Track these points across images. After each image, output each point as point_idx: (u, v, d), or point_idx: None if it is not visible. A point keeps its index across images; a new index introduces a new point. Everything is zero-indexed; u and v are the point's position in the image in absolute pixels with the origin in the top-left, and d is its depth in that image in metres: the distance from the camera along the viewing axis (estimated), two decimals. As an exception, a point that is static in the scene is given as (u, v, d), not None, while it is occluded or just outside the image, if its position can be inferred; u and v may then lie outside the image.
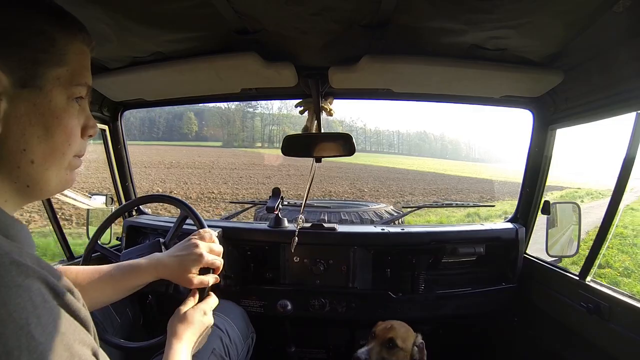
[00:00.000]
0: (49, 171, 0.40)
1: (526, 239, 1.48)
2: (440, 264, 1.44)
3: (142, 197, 1.34)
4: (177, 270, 0.73)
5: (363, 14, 0.83)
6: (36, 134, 0.38)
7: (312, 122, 1.36)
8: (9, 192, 0.39)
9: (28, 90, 0.37)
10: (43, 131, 0.38)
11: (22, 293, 0.31)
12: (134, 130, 54.90)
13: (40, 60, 0.37)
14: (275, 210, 1.42)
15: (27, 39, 0.37)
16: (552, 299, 1.28)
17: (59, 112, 0.39)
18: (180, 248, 0.76)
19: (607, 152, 63.79)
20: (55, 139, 0.40)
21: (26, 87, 0.37)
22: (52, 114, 0.39)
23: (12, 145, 0.37)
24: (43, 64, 0.38)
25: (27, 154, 0.38)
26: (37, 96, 0.38)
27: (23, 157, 0.38)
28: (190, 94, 1.38)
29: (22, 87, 0.36)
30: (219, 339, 1.03)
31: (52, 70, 0.39)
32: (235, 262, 1.43)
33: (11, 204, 0.40)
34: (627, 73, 0.91)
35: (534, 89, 1.19)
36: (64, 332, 0.32)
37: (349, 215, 2.81)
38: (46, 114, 0.38)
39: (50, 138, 0.39)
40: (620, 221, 6.56)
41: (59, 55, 0.39)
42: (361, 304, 1.40)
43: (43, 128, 0.38)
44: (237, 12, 0.83)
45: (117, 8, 0.79)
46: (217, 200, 10.69)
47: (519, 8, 0.76)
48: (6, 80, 0.35)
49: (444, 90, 1.28)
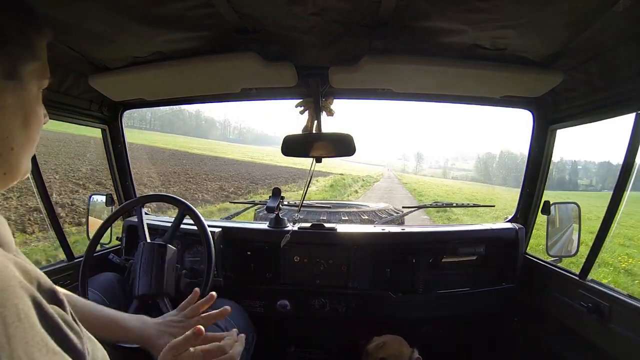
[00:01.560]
0: (23, 158, 0.43)
1: (526, 238, 1.48)
2: (440, 264, 1.44)
3: (142, 196, 1.34)
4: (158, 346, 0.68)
5: (363, 14, 0.83)
6: (17, 123, 0.41)
7: (312, 122, 1.36)
8: None
9: (13, 83, 0.40)
10: (22, 120, 0.41)
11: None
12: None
13: (21, 55, 0.41)
14: (275, 210, 1.42)
15: (9, 36, 0.39)
16: (552, 298, 1.28)
17: (34, 102, 0.43)
18: (172, 324, 0.73)
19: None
20: (32, 128, 0.43)
21: (11, 80, 0.40)
22: (29, 104, 0.42)
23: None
24: (23, 58, 0.41)
25: (9, 142, 0.40)
26: (19, 88, 0.41)
27: (5, 144, 0.40)
28: (190, 94, 1.38)
29: (8, 80, 0.39)
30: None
31: (29, 64, 0.42)
32: (235, 262, 1.43)
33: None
34: (627, 73, 0.91)
35: (534, 89, 1.19)
36: (35, 357, 0.29)
37: (349, 215, 2.81)
38: (25, 105, 0.41)
39: (28, 126, 0.42)
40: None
41: (34, 51, 0.43)
42: (361, 304, 1.40)
43: (22, 117, 0.41)
44: (237, 12, 0.83)
45: (117, 8, 0.79)
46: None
47: (519, 8, 0.76)
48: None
49: (444, 90, 1.28)
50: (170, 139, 36.55)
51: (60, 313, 0.34)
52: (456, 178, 71.75)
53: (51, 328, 0.32)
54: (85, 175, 9.37)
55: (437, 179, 51.73)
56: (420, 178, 48.99)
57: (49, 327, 0.32)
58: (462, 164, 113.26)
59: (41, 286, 0.34)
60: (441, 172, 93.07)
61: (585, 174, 57.71)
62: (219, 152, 30.14)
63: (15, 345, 0.28)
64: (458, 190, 24.04)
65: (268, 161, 27.27)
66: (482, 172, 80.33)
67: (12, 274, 0.31)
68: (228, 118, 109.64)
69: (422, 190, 21.00)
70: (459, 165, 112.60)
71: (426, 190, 21.20)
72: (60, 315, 0.34)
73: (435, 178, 59.40)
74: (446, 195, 19.31)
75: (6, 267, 0.31)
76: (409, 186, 25.24)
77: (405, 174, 63.63)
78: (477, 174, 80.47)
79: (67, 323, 0.35)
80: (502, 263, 1.47)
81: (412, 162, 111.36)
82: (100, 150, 1.61)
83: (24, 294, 0.31)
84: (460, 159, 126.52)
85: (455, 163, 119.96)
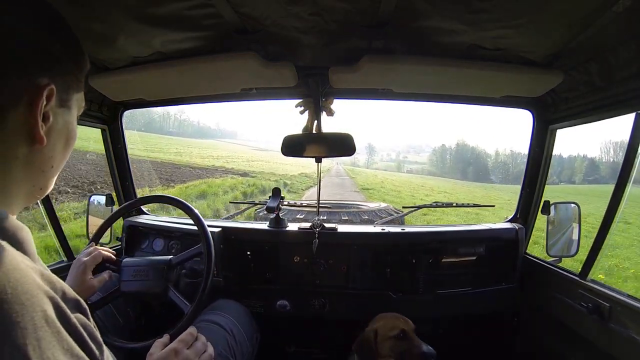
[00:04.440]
0: (55, 175, 0.48)
1: (526, 238, 1.48)
2: (440, 264, 1.44)
3: (143, 197, 1.34)
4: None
5: (363, 14, 0.83)
6: (61, 144, 0.46)
7: (312, 122, 1.36)
8: (22, 194, 0.43)
9: (63, 109, 0.45)
10: (64, 142, 0.46)
11: (25, 312, 0.30)
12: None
13: (73, 85, 0.46)
14: (276, 210, 1.42)
15: (70, 67, 0.45)
16: (552, 298, 1.28)
17: (74, 127, 0.48)
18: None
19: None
20: (70, 148, 0.48)
21: (62, 107, 0.44)
22: (72, 128, 0.47)
23: (47, 153, 0.43)
24: (73, 88, 0.46)
25: (52, 160, 0.45)
26: (67, 114, 0.46)
27: (49, 163, 0.44)
28: (190, 94, 1.38)
29: (60, 107, 0.44)
30: (225, 340, 1.02)
31: (76, 94, 0.47)
32: (235, 262, 1.43)
33: (19, 205, 0.43)
34: (627, 73, 0.91)
35: (534, 89, 1.19)
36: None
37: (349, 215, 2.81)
38: (69, 128, 0.47)
39: (67, 147, 0.47)
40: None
41: (81, 82, 0.48)
42: (361, 304, 1.40)
43: (65, 139, 0.46)
44: (237, 12, 0.83)
45: (117, 8, 0.79)
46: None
47: (519, 8, 0.76)
48: (53, 99, 0.42)
49: (444, 90, 1.28)
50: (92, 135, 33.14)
51: (83, 322, 0.36)
52: (411, 172, 71.02)
53: (75, 335, 0.34)
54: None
55: (392, 174, 49.83)
56: (373, 172, 46.73)
57: (73, 334, 0.34)
58: (415, 157, 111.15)
59: (66, 295, 0.36)
60: (395, 165, 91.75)
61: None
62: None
63: (45, 348, 0.30)
64: (430, 191, 20.15)
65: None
66: (438, 165, 79.43)
67: (39, 282, 0.33)
68: (167, 109, 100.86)
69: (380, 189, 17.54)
70: (411, 158, 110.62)
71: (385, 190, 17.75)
72: (83, 324, 0.36)
73: (390, 172, 58.06)
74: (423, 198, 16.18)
75: (33, 276, 0.33)
76: (360, 180, 21.70)
77: (356, 167, 62.01)
78: (432, 167, 79.44)
79: (89, 332, 0.36)
80: (502, 263, 1.47)
81: (363, 156, 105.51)
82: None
83: (49, 301, 0.33)
84: (412, 151, 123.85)
85: (408, 156, 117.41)
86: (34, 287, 0.32)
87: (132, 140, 15.24)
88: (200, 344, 0.78)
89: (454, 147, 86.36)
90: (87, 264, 0.98)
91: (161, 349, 0.75)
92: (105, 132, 1.52)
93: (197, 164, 19.41)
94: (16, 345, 0.28)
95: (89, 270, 0.98)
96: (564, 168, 62.73)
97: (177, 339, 0.76)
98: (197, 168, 17.37)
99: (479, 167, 78.06)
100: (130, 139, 1.62)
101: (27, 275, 0.33)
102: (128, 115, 1.57)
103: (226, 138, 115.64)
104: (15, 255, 0.34)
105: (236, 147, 58.38)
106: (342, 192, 14.33)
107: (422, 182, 31.99)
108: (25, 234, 0.38)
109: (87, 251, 1.03)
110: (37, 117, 0.40)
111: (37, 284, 0.33)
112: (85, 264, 0.97)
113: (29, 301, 0.31)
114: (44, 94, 0.40)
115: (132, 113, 1.63)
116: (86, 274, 0.97)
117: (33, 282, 0.33)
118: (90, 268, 0.98)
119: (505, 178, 67.01)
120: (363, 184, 20.99)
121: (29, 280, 0.32)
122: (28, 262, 0.35)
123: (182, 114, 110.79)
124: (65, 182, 7.85)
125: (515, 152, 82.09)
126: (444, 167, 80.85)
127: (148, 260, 1.15)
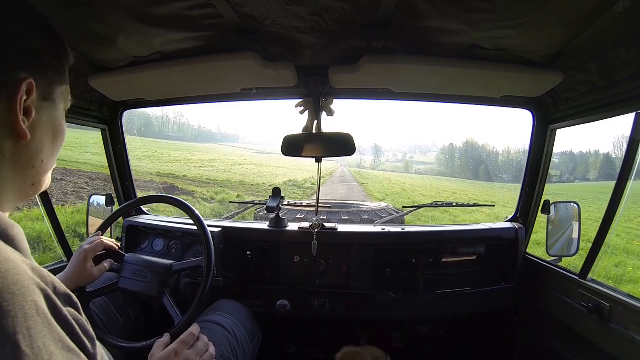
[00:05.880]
0: (49, 171, 0.48)
1: (526, 238, 1.48)
2: (441, 263, 1.44)
3: (143, 197, 1.34)
4: None
5: (363, 14, 0.83)
6: (48, 139, 0.46)
7: (312, 122, 1.36)
8: (14, 191, 0.43)
9: (47, 103, 0.45)
10: (52, 136, 0.46)
11: (15, 301, 0.30)
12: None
13: (56, 79, 0.46)
14: (276, 210, 1.42)
15: (49, 62, 0.45)
16: (552, 298, 1.28)
17: (61, 120, 0.48)
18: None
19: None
20: (58, 142, 0.48)
21: (46, 101, 0.44)
22: (59, 122, 0.47)
23: (34, 148, 0.44)
24: (57, 81, 0.46)
25: (41, 155, 0.45)
26: (52, 108, 0.46)
27: (38, 158, 0.44)
28: (190, 94, 1.38)
29: (43, 100, 0.44)
30: (227, 341, 1.02)
31: (60, 87, 0.47)
32: (235, 262, 1.43)
33: (11, 203, 0.43)
34: (627, 73, 0.91)
35: (534, 89, 1.19)
36: (52, 350, 0.31)
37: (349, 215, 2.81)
38: (55, 122, 0.47)
39: (56, 142, 0.47)
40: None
41: (65, 75, 0.48)
42: (361, 304, 1.40)
43: (52, 133, 0.46)
44: (237, 12, 0.83)
45: (117, 8, 0.79)
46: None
47: (519, 8, 0.76)
48: (35, 94, 0.42)
49: (444, 90, 1.28)
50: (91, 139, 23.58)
51: (75, 316, 0.37)
52: (420, 172, 69.94)
53: (66, 327, 0.35)
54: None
55: (403, 175, 47.82)
56: (385, 175, 43.59)
57: (64, 327, 0.34)
58: (422, 157, 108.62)
59: (57, 289, 0.37)
60: (402, 166, 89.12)
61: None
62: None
63: (35, 337, 0.30)
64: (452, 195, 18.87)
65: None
66: (447, 165, 78.10)
67: (30, 274, 0.34)
68: (166, 113, 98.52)
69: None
70: (418, 158, 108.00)
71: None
72: (75, 317, 0.36)
73: (400, 174, 55.86)
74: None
75: (24, 267, 0.34)
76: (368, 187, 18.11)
77: (363, 170, 59.65)
78: (441, 167, 77.61)
79: (81, 326, 0.37)
80: (502, 263, 1.47)
81: (369, 157, 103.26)
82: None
83: (40, 293, 0.34)
84: (419, 151, 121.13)
85: (414, 156, 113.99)
86: (25, 278, 0.33)
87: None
88: (201, 344, 0.78)
89: (463, 146, 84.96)
90: (87, 252, 1.01)
91: (162, 350, 0.75)
92: (105, 132, 1.52)
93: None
94: (6, 334, 0.29)
95: (90, 258, 1.01)
96: (578, 165, 62.49)
97: (178, 340, 0.77)
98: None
99: (491, 166, 76.35)
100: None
101: (18, 267, 0.33)
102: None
103: (226, 142, 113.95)
104: (5, 249, 0.34)
105: (233, 151, 57.09)
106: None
107: (437, 184, 30.35)
108: (17, 231, 0.38)
109: (90, 239, 1.06)
110: (17, 111, 0.40)
111: (28, 275, 0.33)
112: (85, 251, 1.01)
113: (20, 291, 0.31)
114: (22, 89, 0.40)
115: (128, 118, 1.63)
116: (87, 261, 1.00)
117: (24, 273, 0.33)
118: (91, 256, 1.01)
119: (516, 177, 66.46)
120: (377, 191, 17.62)
121: (20, 271, 0.33)
122: (19, 257, 0.35)
123: (180, 118, 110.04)
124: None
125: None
126: (453, 166, 79.73)
127: (149, 261, 1.15)
